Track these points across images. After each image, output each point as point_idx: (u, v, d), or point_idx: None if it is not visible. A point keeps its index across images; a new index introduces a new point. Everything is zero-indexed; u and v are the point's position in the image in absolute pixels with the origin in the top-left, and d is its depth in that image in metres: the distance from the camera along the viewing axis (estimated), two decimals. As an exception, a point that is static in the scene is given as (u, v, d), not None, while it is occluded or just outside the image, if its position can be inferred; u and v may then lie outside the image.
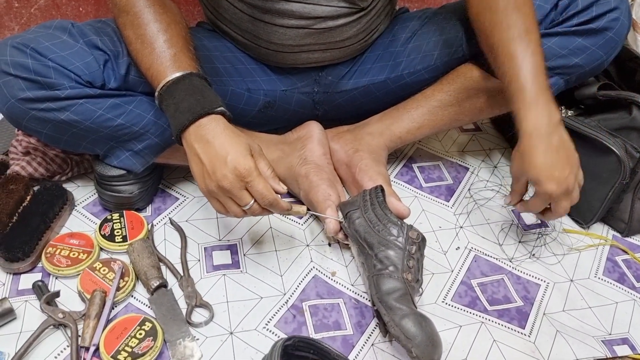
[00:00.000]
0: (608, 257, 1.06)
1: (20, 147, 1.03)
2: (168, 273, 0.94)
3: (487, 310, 0.94)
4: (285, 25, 0.97)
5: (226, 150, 0.77)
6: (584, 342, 0.91)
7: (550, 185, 0.87)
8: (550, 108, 0.86)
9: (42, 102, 0.84)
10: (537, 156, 0.86)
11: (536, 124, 0.86)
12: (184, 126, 0.78)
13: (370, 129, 1.11)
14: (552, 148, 0.86)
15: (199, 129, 0.78)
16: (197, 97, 0.79)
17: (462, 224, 1.09)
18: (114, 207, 1.02)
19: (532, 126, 0.86)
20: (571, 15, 0.93)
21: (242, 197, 0.78)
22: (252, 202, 0.79)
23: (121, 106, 0.89)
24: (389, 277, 0.84)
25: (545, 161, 0.86)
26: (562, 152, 0.87)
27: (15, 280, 0.90)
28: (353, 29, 1.01)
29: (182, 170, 1.13)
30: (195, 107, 0.78)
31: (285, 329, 0.88)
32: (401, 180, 1.18)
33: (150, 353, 0.80)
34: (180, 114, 0.79)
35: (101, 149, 0.95)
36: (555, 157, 0.86)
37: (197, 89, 0.80)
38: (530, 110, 0.86)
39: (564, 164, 0.87)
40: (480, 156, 1.27)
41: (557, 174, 0.86)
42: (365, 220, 0.90)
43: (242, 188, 0.78)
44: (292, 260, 0.99)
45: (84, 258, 0.92)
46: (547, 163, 0.86)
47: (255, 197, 0.79)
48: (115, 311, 0.88)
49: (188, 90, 0.79)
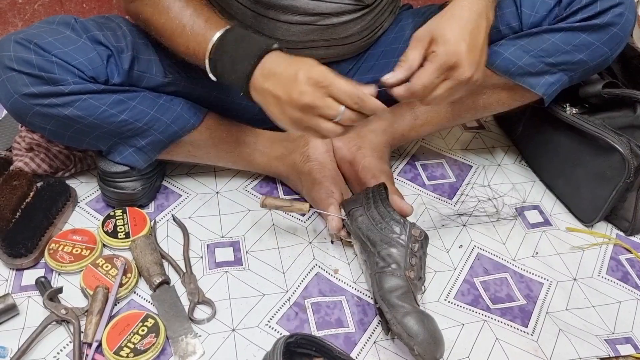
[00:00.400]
0: (611, 256, 1.06)
1: (24, 143, 1.03)
2: (170, 270, 0.94)
3: (489, 309, 0.94)
4: (289, 21, 0.97)
5: (294, 69, 0.74)
6: (587, 341, 0.90)
7: (457, 47, 0.76)
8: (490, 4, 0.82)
9: (46, 97, 0.84)
10: (460, 20, 0.78)
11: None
12: (249, 72, 0.76)
13: (373, 127, 1.10)
14: (480, 27, 0.79)
15: (263, 69, 0.76)
16: (249, 43, 0.77)
17: (465, 222, 1.09)
18: (117, 204, 1.02)
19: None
20: (575, 11, 0.92)
21: (328, 105, 0.73)
22: (342, 109, 0.74)
23: (125, 102, 0.89)
24: (392, 275, 0.84)
25: (465, 29, 0.78)
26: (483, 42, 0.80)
27: (18, 276, 0.91)
28: (357, 25, 1.01)
29: (185, 167, 1.13)
30: (251, 50, 0.76)
31: (288, 326, 0.88)
32: (404, 177, 1.18)
33: (152, 349, 0.80)
34: (240, 64, 0.77)
35: (104, 145, 0.95)
36: (476, 36, 0.79)
37: (246, 36, 0.79)
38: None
39: (481, 51, 0.79)
40: (483, 154, 1.26)
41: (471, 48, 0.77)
42: (368, 218, 0.90)
43: (325, 95, 0.73)
44: (294, 258, 0.99)
45: (86, 254, 0.92)
46: (466, 31, 0.77)
47: (341, 99, 0.73)
48: (118, 307, 0.88)
49: (237, 41, 0.78)
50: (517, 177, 1.21)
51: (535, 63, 0.96)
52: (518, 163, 1.25)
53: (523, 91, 0.99)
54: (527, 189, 1.18)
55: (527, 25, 0.95)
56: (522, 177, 1.21)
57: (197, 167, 1.13)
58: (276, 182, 1.13)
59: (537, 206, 1.14)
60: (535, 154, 1.22)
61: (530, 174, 1.22)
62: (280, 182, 1.12)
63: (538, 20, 0.94)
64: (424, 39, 0.79)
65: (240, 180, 1.12)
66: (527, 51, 0.95)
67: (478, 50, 0.79)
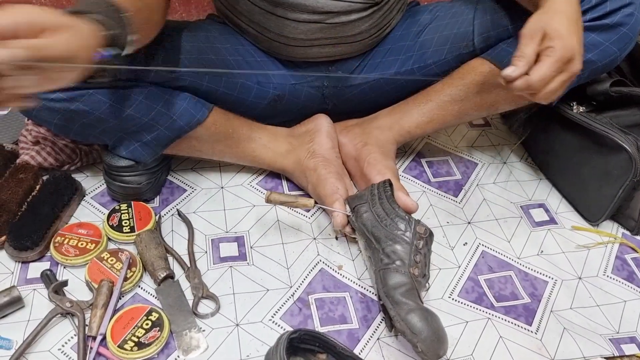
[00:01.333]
0: (617, 255, 1.05)
1: (30, 137, 1.04)
2: (175, 264, 0.94)
3: (493, 307, 0.94)
4: (297, 19, 0.97)
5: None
6: (591, 340, 0.90)
7: (571, 41, 0.77)
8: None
9: (52, 91, 0.84)
10: (565, 13, 0.78)
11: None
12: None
13: (379, 123, 1.10)
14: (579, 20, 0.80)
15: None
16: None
17: (470, 220, 1.09)
18: (122, 198, 1.02)
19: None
20: (585, 11, 0.92)
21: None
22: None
23: (131, 97, 0.89)
24: (396, 272, 0.84)
25: (572, 22, 0.78)
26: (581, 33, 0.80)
27: (24, 268, 0.91)
28: (365, 24, 1.01)
29: (191, 161, 1.13)
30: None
31: (291, 321, 0.88)
32: (409, 174, 1.18)
33: (156, 343, 0.81)
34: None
35: (110, 139, 0.95)
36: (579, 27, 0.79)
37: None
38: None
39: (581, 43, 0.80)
40: (489, 152, 1.26)
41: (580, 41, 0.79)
42: (373, 214, 0.90)
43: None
44: (298, 253, 0.99)
45: (92, 248, 0.93)
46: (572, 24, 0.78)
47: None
48: (122, 301, 0.88)
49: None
50: (523, 175, 1.21)
51: None
52: (524, 161, 1.24)
53: (531, 89, 0.99)
54: (533, 187, 1.18)
55: None
56: (528, 175, 1.21)
57: (202, 162, 1.13)
58: (281, 178, 1.13)
59: (543, 204, 1.14)
60: (542, 152, 1.21)
61: (536, 172, 1.22)
62: (285, 178, 1.12)
63: None
64: (536, 35, 0.78)
65: (245, 176, 1.13)
66: None
67: (582, 43, 0.79)
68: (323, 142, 1.07)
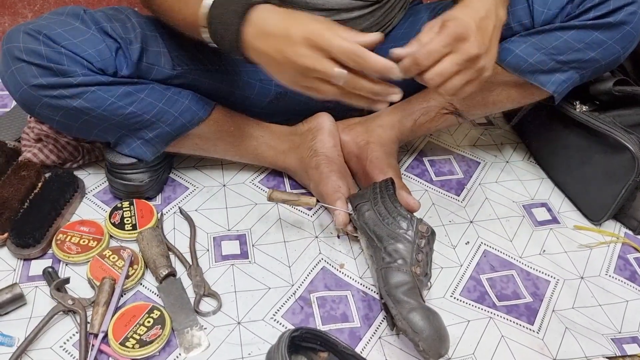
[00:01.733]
0: (619, 254, 1.05)
1: (32, 134, 1.04)
2: (177, 262, 0.94)
3: (495, 306, 0.94)
4: None
5: (286, 27, 0.70)
6: (593, 339, 0.90)
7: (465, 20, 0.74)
8: (501, 2, 0.81)
9: (55, 89, 0.84)
10: (470, 9, 0.76)
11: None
12: (237, 32, 0.73)
13: (381, 122, 1.10)
14: (489, 17, 0.77)
15: (251, 27, 0.73)
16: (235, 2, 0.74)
17: (472, 219, 1.09)
18: (124, 196, 1.02)
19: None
20: (588, 9, 0.91)
21: (326, 69, 0.69)
22: (343, 73, 0.69)
23: (133, 94, 0.89)
24: (398, 271, 0.84)
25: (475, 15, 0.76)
26: (493, 32, 0.78)
27: (26, 266, 0.91)
28: (367, 21, 1.00)
29: (193, 159, 1.13)
30: (237, 8, 0.73)
31: (293, 320, 0.88)
32: (412, 173, 1.17)
33: (158, 341, 0.81)
34: (229, 24, 0.74)
35: (112, 137, 0.95)
36: (486, 23, 0.77)
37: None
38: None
39: (491, 38, 0.77)
40: (492, 151, 1.26)
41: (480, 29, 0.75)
42: (375, 213, 0.90)
43: (323, 57, 0.69)
44: (300, 252, 0.99)
45: (94, 245, 0.93)
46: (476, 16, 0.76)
47: (341, 61, 0.69)
48: (124, 299, 0.88)
49: (225, 3, 0.75)
50: (525, 174, 1.20)
51: (546, 61, 0.95)
52: (527, 160, 1.24)
53: (533, 88, 0.99)
54: (536, 186, 1.18)
55: (539, 23, 0.94)
56: (530, 174, 1.20)
57: (204, 160, 1.13)
58: (283, 176, 1.13)
59: (545, 204, 1.14)
60: (544, 151, 1.21)
61: (538, 171, 1.21)
62: (287, 176, 1.12)
63: (550, 17, 0.93)
64: (436, 25, 0.77)
65: (248, 174, 1.12)
66: (538, 48, 0.94)
67: (487, 35, 0.77)
68: (325, 141, 1.06)
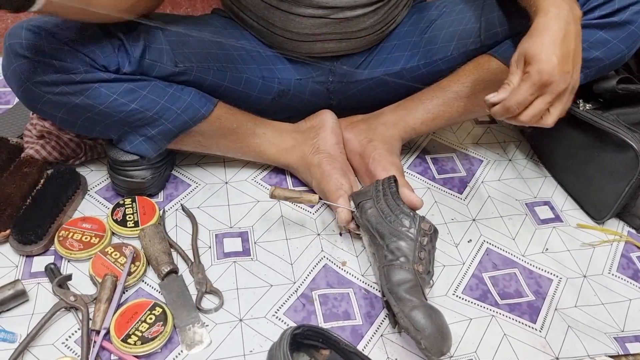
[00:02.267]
0: (622, 253, 1.05)
1: (35, 131, 1.04)
2: (179, 259, 0.94)
3: (498, 304, 0.94)
4: (302, 14, 0.96)
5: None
6: (596, 338, 0.90)
7: (547, 65, 0.76)
8: (573, 2, 0.81)
9: (57, 85, 0.84)
10: (548, 33, 0.77)
11: (557, 3, 0.79)
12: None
13: (384, 119, 1.10)
14: (569, 34, 0.78)
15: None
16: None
17: (475, 217, 1.08)
18: (126, 192, 1.02)
19: (552, 4, 0.79)
20: (593, 8, 0.91)
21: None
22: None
23: (135, 91, 0.89)
24: (400, 268, 0.83)
25: (555, 41, 0.77)
26: (576, 45, 0.79)
27: (28, 262, 0.91)
28: (371, 19, 1.00)
29: (195, 156, 1.13)
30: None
31: (295, 317, 0.88)
32: (414, 171, 1.17)
33: (159, 338, 0.81)
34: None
35: (115, 133, 0.95)
36: (567, 44, 0.78)
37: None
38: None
39: (574, 56, 0.79)
40: (494, 149, 1.25)
41: (562, 60, 0.77)
42: (377, 211, 0.90)
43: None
44: (302, 249, 0.99)
45: (96, 242, 0.93)
46: (555, 43, 0.77)
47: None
48: (126, 296, 0.88)
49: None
50: (528, 172, 1.20)
51: None
52: (529, 158, 1.24)
53: (537, 86, 0.98)
54: (538, 184, 1.17)
55: None
56: (533, 173, 1.20)
57: (206, 157, 1.13)
58: (285, 174, 1.13)
59: (548, 202, 1.14)
60: (547, 149, 1.21)
61: (541, 169, 1.21)
62: (290, 174, 1.12)
63: None
64: (520, 61, 0.80)
65: (250, 171, 1.12)
66: None
67: (570, 59, 0.79)
68: (328, 138, 1.06)
